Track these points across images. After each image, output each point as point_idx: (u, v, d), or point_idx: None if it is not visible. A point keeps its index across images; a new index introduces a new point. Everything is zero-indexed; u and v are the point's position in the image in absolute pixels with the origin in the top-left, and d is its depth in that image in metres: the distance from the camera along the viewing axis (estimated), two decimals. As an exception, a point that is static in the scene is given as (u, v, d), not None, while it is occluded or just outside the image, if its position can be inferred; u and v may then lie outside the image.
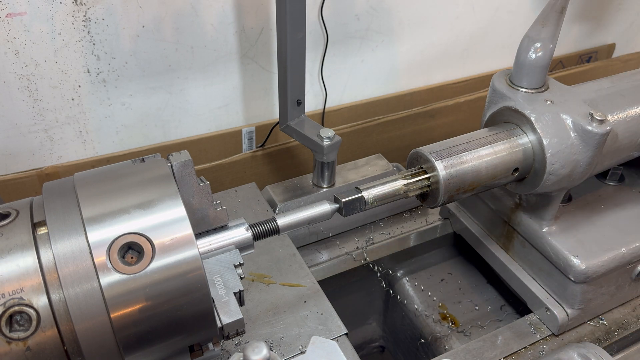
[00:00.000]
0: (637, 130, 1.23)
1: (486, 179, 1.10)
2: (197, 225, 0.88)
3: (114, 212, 0.74)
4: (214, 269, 0.85)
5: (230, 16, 1.51)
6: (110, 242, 0.71)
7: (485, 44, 2.03)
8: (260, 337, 1.13)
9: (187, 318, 0.75)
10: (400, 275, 1.61)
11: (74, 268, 0.70)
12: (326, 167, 1.48)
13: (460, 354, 1.21)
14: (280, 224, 0.94)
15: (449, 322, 1.49)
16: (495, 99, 1.21)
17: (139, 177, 0.79)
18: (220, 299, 0.81)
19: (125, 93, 1.50)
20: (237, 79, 1.64)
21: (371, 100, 1.92)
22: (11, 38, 1.29)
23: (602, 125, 1.09)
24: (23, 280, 0.69)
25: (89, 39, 1.37)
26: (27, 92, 1.38)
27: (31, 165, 1.50)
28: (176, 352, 0.77)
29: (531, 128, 1.12)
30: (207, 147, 1.70)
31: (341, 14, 1.67)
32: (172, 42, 1.47)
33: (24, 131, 1.44)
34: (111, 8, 1.35)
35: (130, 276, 0.70)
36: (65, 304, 0.69)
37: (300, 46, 1.38)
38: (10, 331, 0.67)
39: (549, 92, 1.18)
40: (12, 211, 0.75)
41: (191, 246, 0.74)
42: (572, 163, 1.12)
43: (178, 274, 0.73)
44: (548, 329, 1.27)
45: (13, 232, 0.72)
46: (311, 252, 1.47)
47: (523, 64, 1.17)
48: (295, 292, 1.24)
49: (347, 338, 1.16)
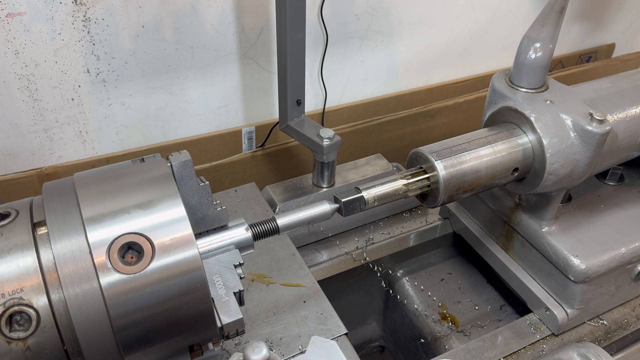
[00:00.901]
0: (636, 130, 1.23)
1: (486, 179, 1.10)
2: (197, 225, 0.88)
3: (114, 212, 0.73)
4: (214, 269, 0.85)
5: (230, 16, 1.51)
6: (110, 242, 0.71)
7: (485, 44, 2.03)
8: (260, 337, 1.14)
9: (187, 318, 0.75)
10: (400, 275, 1.62)
11: (73, 268, 0.70)
12: (326, 167, 1.47)
13: (460, 354, 1.21)
14: (280, 223, 0.94)
15: (449, 322, 1.49)
16: (495, 99, 1.21)
17: (138, 177, 0.79)
18: (220, 299, 0.81)
19: (125, 93, 1.50)
20: (237, 79, 1.64)
21: (371, 100, 1.92)
22: (11, 38, 1.29)
23: (601, 125, 1.09)
24: (23, 280, 0.68)
25: (88, 39, 1.37)
26: (27, 92, 1.38)
27: (31, 165, 1.50)
28: (176, 352, 0.77)
29: (531, 128, 1.12)
30: (207, 147, 1.70)
31: (341, 14, 1.67)
32: (172, 42, 1.47)
33: (24, 131, 1.44)
34: (111, 8, 1.35)
35: (130, 276, 0.70)
36: (65, 304, 0.69)
37: (300, 46, 1.38)
38: (10, 331, 0.67)
39: (549, 92, 1.18)
40: (12, 211, 0.75)
41: (191, 246, 0.74)
42: (571, 163, 1.12)
43: (178, 274, 0.73)
44: (548, 329, 1.27)
45: (13, 232, 0.72)
46: (311, 252, 1.47)
47: (523, 64, 1.17)
48: (295, 292, 1.24)
49: (347, 338, 1.16)
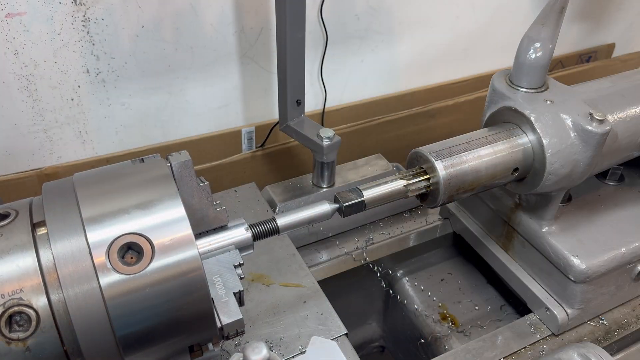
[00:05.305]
0: (636, 130, 1.23)
1: (486, 179, 1.10)
2: (196, 225, 0.87)
3: (114, 212, 0.73)
4: (214, 269, 0.85)
5: (230, 16, 1.51)
6: (109, 242, 0.71)
7: (485, 43, 2.03)
8: (260, 337, 1.13)
9: (187, 318, 0.75)
10: (400, 275, 1.61)
11: (73, 268, 0.69)
12: (326, 167, 1.47)
13: (460, 354, 1.21)
14: (280, 224, 0.94)
15: (449, 322, 1.49)
16: (495, 98, 1.21)
17: (138, 177, 0.79)
18: (220, 299, 0.81)
19: (125, 93, 1.50)
20: (237, 79, 1.64)
21: (371, 100, 1.92)
22: (10, 38, 1.29)
23: (602, 125, 1.09)
24: (22, 281, 0.68)
25: (88, 39, 1.37)
26: (26, 92, 1.38)
27: (31, 166, 1.50)
28: (176, 352, 0.77)
29: (531, 128, 1.12)
30: (206, 147, 1.70)
31: (341, 14, 1.67)
32: (171, 42, 1.47)
33: (24, 131, 1.44)
34: (110, 8, 1.35)
35: (130, 276, 0.70)
36: (64, 305, 0.68)
37: (300, 46, 1.38)
38: (10, 331, 0.67)
39: (549, 92, 1.18)
40: (12, 211, 0.75)
41: (191, 246, 0.74)
42: (572, 163, 1.12)
43: (178, 274, 0.73)
44: (548, 329, 1.27)
45: (12, 233, 0.72)
46: (311, 252, 1.47)
47: (523, 63, 1.17)
48: (295, 292, 1.24)
49: (347, 338, 1.16)
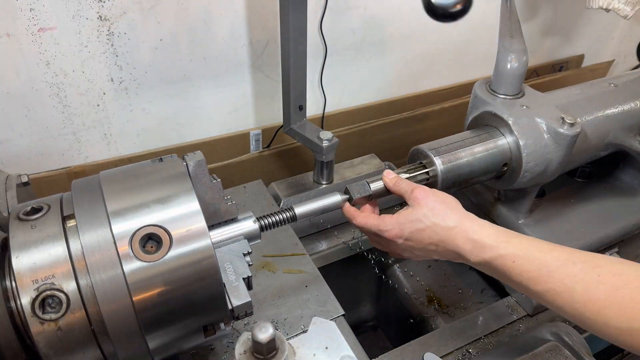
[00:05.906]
0: (603, 132, 1.23)
1: (478, 172, 1.13)
2: (209, 218, 0.88)
3: (136, 207, 0.74)
4: (225, 257, 0.86)
5: (239, 30, 1.51)
6: (132, 233, 0.71)
7: (468, 55, 2.03)
8: (266, 317, 1.14)
9: (201, 301, 0.75)
10: (392, 263, 1.62)
11: (99, 257, 0.70)
12: (325, 165, 1.47)
13: (445, 332, 1.21)
14: (298, 212, 0.96)
15: (436, 304, 1.49)
16: (477, 104, 1.21)
17: (157, 175, 0.79)
18: (230, 284, 0.81)
19: (145, 100, 1.50)
20: (246, 87, 1.64)
21: (366, 106, 1.91)
22: (43, 50, 1.29)
23: (572, 127, 1.09)
24: (54, 268, 0.69)
25: (112, 51, 1.37)
26: (57, 99, 1.38)
27: (61, 165, 1.50)
28: (191, 331, 0.78)
29: (509, 130, 1.12)
30: (218, 148, 1.70)
31: (338, 28, 1.67)
32: (187, 54, 1.47)
33: (55, 134, 1.44)
34: (132, 23, 1.35)
35: (150, 264, 0.70)
36: (92, 289, 0.69)
37: (302, 57, 1.38)
38: (43, 313, 0.67)
39: (525, 98, 1.18)
40: (45, 206, 0.75)
41: (205, 237, 0.74)
42: (545, 162, 1.12)
43: (193, 262, 0.73)
44: (524, 310, 1.27)
45: (45, 225, 0.72)
46: (312, 242, 1.47)
47: (502, 73, 1.17)
48: (297, 277, 1.24)
49: (344, 318, 1.16)
